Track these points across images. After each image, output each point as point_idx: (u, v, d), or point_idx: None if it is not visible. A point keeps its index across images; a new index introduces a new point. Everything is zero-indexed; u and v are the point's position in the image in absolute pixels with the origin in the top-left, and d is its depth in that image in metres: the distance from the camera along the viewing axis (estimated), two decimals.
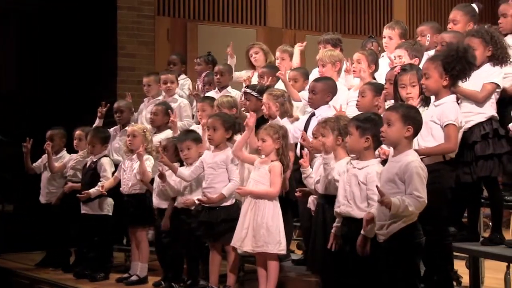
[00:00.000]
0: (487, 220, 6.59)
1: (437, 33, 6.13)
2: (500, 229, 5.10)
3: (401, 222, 4.19)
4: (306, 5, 11.05)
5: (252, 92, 6.18)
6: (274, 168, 5.38)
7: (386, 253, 4.28)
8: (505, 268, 4.86)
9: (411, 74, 4.96)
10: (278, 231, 5.35)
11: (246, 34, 10.25)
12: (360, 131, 4.52)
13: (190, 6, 10.26)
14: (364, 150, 4.55)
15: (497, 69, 4.99)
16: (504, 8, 5.59)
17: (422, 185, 4.15)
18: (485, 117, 4.94)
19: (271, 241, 5.32)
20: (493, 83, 4.95)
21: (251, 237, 5.36)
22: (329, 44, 6.85)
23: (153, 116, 6.97)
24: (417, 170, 4.16)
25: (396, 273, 4.23)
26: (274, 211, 5.37)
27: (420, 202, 4.14)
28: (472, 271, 5.45)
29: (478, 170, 4.93)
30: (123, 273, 6.69)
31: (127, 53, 9.61)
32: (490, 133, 4.91)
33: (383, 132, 4.32)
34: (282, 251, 5.40)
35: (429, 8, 11.97)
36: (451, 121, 4.61)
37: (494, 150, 4.91)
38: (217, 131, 5.74)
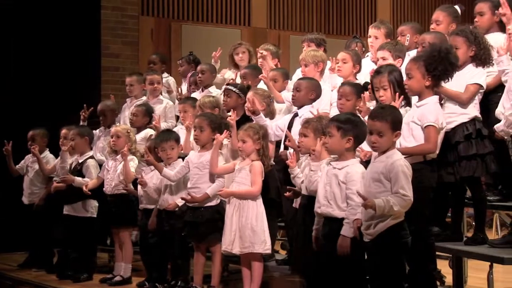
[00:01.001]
0: (470, 220, 6.64)
1: (417, 33, 6.16)
2: (483, 229, 5.11)
3: (390, 220, 4.20)
4: (290, 6, 11.06)
5: (233, 89, 6.18)
6: (255, 167, 5.38)
7: (373, 252, 4.29)
8: (488, 267, 4.88)
9: (381, 77, 4.97)
10: (262, 230, 5.35)
11: (230, 34, 10.24)
12: (342, 132, 4.54)
13: (174, 6, 10.23)
14: (346, 151, 4.57)
15: (480, 70, 5.01)
16: (480, 6, 5.60)
17: (407, 183, 4.17)
18: (468, 118, 4.96)
19: (256, 241, 5.32)
20: (476, 84, 4.97)
21: (238, 239, 5.36)
22: (313, 43, 6.85)
23: (132, 117, 6.96)
24: (403, 169, 4.19)
25: (383, 272, 4.24)
26: (258, 211, 5.37)
27: (405, 201, 4.15)
28: (456, 271, 5.48)
29: (461, 170, 4.95)
30: (107, 274, 6.67)
31: (111, 53, 9.57)
32: (473, 134, 4.93)
33: (376, 143, 4.31)
34: (268, 250, 5.41)
35: (412, 8, 12.01)
36: (430, 123, 4.62)
37: (477, 150, 4.93)
38: (204, 132, 5.74)
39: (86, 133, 6.93)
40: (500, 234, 8.40)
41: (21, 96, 8.96)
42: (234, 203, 5.41)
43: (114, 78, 9.45)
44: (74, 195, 6.72)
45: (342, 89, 5.42)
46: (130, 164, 6.36)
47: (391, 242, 4.21)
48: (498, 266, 4.86)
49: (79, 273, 6.65)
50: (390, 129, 4.28)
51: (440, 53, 4.69)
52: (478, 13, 5.62)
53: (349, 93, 5.33)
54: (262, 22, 10.85)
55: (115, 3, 9.59)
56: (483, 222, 5.17)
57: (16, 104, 8.87)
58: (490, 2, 5.50)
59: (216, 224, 5.63)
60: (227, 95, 6.22)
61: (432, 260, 4.89)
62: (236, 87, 6.21)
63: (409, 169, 4.23)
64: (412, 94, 4.79)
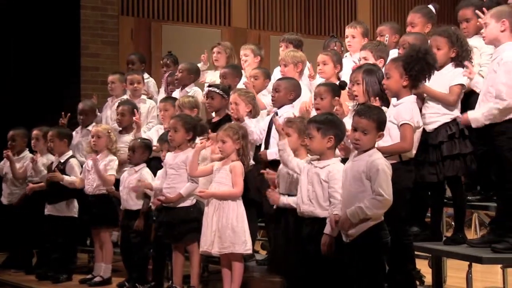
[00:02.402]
0: (449, 220, 6.68)
1: (396, 33, 6.20)
2: (463, 229, 5.15)
3: (370, 220, 4.22)
4: (270, 6, 11.07)
5: (216, 90, 6.17)
6: (235, 168, 5.38)
7: (353, 253, 4.30)
8: (467, 267, 4.91)
9: (357, 72, 5.01)
10: (243, 231, 5.36)
11: (210, 34, 10.23)
12: (322, 132, 4.56)
13: (154, 6, 10.20)
14: (327, 150, 4.58)
15: (460, 70, 5.04)
16: (464, 13, 5.60)
17: (386, 182, 4.19)
18: (451, 118, 4.99)
19: (237, 241, 5.32)
20: (460, 85, 5.00)
21: (218, 239, 5.35)
22: (291, 44, 6.86)
23: (120, 117, 6.92)
24: (383, 167, 4.20)
25: (363, 272, 4.25)
26: (238, 211, 5.38)
27: (381, 202, 4.17)
28: (435, 270, 5.51)
29: (445, 170, 4.97)
30: (87, 274, 6.64)
31: (91, 53, 9.53)
32: (457, 133, 4.96)
33: (359, 140, 4.31)
34: (248, 250, 5.42)
35: (392, 8, 12.07)
36: (406, 121, 4.65)
37: (460, 150, 4.96)
38: (178, 132, 5.73)
39: (65, 135, 6.90)
40: (479, 234, 8.46)
41: (0, 96, 8.90)
42: (214, 204, 5.40)
43: (94, 78, 9.41)
44: (59, 195, 6.70)
45: (316, 89, 5.45)
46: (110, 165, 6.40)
47: (371, 243, 4.23)
48: (477, 266, 4.88)
49: (58, 273, 6.62)
50: (375, 128, 4.30)
51: (418, 53, 4.73)
52: (464, 20, 5.60)
53: (323, 92, 5.34)
54: (242, 22, 10.85)
55: (94, 3, 9.55)
56: (462, 222, 5.20)
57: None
58: (474, 6, 5.50)
59: (192, 224, 5.64)
60: (211, 96, 6.21)
61: (412, 260, 4.90)
62: (219, 88, 6.20)
63: (389, 169, 4.25)
64: (391, 95, 4.82)
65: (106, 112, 7.57)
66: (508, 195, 4.68)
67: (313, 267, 4.57)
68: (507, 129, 4.67)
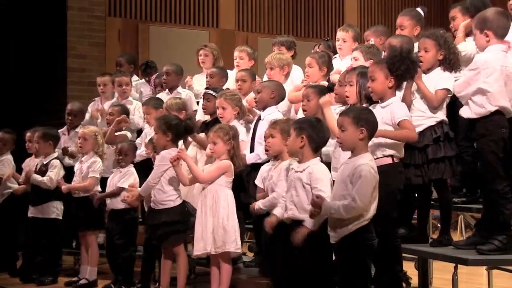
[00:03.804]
0: (435, 222, 6.70)
1: (380, 36, 6.20)
2: (449, 231, 5.16)
3: (352, 226, 4.23)
4: (258, 8, 11.07)
5: (212, 93, 6.17)
6: (221, 163, 5.41)
7: (339, 254, 4.32)
8: (452, 268, 4.93)
9: (351, 74, 5.04)
10: (234, 230, 5.36)
11: (198, 36, 10.21)
12: (297, 131, 4.59)
13: (141, 7, 10.18)
14: (300, 149, 4.59)
15: (447, 74, 5.06)
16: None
17: (366, 189, 4.18)
18: (436, 121, 5.00)
19: (227, 240, 5.33)
20: (445, 89, 5.01)
21: (212, 239, 5.35)
22: (283, 46, 6.87)
23: (109, 117, 6.90)
24: (365, 173, 4.19)
25: (348, 274, 4.26)
26: (230, 211, 5.37)
27: (353, 208, 4.17)
28: (421, 272, 5.53)
29: (430, 172, 4.99)
30: (72, 277, 6.62)
31: (78, 54, 9.49)
32: (442, 137, 4.98)
33: (339, 138, 4.36)
34: (239, 250, 5.42)
35: (379, 11, 12.10)
36: (403, 117, 4.67)
37: (445, 153, 4.98)
38: (157, 135, 5.72)
39: (51, 137, 6.87)
40: (465, 235, 8.49)
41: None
42: (207, 205, 5.39)
43: (81, 79, 9.38)
44: (41, 197, 6.66)
45: (304, 92, 5.46)
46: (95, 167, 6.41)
47: (357, 245, 4.23)
48: (463, 267, 4.90)
49: (43, 276, 6.58)
50: (351, 123, 4.30)
51: (402, 53, 4.75)
52: (451, 18, 5.72)
53: (310, 93, 5.36)
54: (230, 24, 10.84)
55: (81, 4, 9.52)
56: (448, 224, 5.22)
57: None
58: (460, 6, 5.63)
59: (177, 225, 5.63)
60: (207, 99, 6.21)
61: (398, 262, 4.91)
62: (216, 91, 6.19)
63: (373, 175, 4.23)
64: (376, 97, 4.81)
65: None
66: (491, 197, 4.70)
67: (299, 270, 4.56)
68: (487, 131, 4.68)
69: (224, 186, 5.40)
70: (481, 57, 4.77)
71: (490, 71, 4.69)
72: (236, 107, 5.89)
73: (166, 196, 5.65)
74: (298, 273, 4.57)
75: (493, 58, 4.72)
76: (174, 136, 5.70)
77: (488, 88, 4.67)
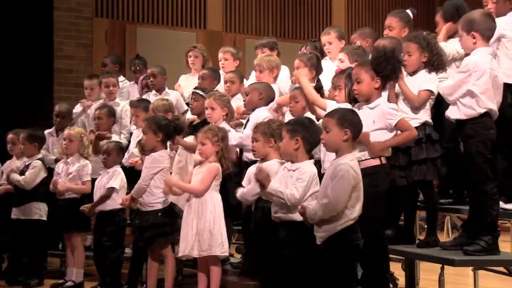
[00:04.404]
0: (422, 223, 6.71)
1: (366, 38, 6.23)
2: (435, 232, 5.17)
3: (337, 226, 4.24)
4: (246, 9, 11.06)
5: (201, 93, 6.16)
6: (210, 167, 5.39)
7: (324, 255, 4.32)
8: (439, 269, 4.94)
9: (339, 77, 5.06)
10: (220, 233, 5.35)
11: (186, 37, 10.20)
12: (290, 133, 4.59)
13: (129, 8, 10.14)
14: (295, 151, 4.59)
15: (432, 76, 5.07)
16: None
17: (341, 188, 4.20)
18: (419, 123, 5.02)
19: (214, 243, 5.32)
20: (428, 91, 5.03)
21: (197, 242, 5.34)
22: (266, 48, 6.87)
23: (97, 121, 6.88)
24: (343, 173, 4.22)
25: (333, 274, 4.26)
26: (216, 213, 5.36)
27: (326, 205, 4.21)
28: (408, 273, 5.54)
29: (413, 174, 5.01)
30: (58, 279, 6.59)
31: (64, 55, 9.45)
32: (424, 138, 4.99)
33: (323, 139, 4.38)
34: (225, 253, 5.42)
35: (366, 12, 12.13)
36: (399, 117, 4.69)
37: (427, 154, 4.99)
38: (147, 135, 5.70)
39: (36, 138, 6.84)
40: (451, 236, 8.51)
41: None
42: (193, 207, 5.39)
43: (67, 80, 9.33)
44: (21, 197, 6.64)
45: (292, 93, 5.47)
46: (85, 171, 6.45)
47: (342, 245, 4.25)
48: (449, 268, 4.92)
49: (29, 278, 6.56)
50: (336, 125, 4.32)
51: (387, 53, 4.76)
52: (436, 22, 5.79)
53: (297, 95, 5.36)
54: (218, 25, 10.84)
55: (68, 4, 9.47)
56: (435, 225, 5.23)
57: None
58: (442, 11, 5.70)
59: (164, 228, 5.62)
60: (195, 99, 6.21)
61: (385, 263, 4.92)
62: (204, 91, 6.17)
63: (353, 174, 4.24)
64: (362, 99, 4.82)
65: (81, 115, 7.52)
66: (479, 198, 4.71)
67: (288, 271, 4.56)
68: (475, 133, 4.71)
69: (212, 190, 5.39)
70: (471, 59, 4.78)
71: (480, 73, 4.72)
72: (225, 108, 5.89)
73: (154, 198, 5.65)
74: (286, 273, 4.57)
75: (483, 61, 4.75)
76: (164, 136, 5.70)
77: (477, 90, 4.70)
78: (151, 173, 5.63)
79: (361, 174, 4.33)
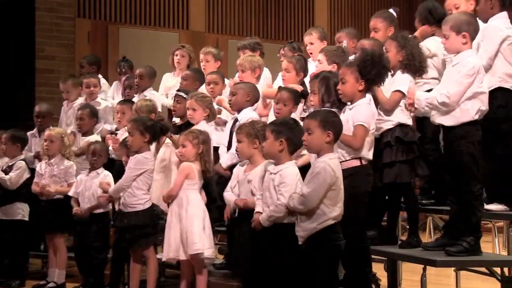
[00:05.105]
0: (404, 224, 6.74)
1: (353, 38, 6.26)
2: (417, 232, 5.19)
3: (316, 225, 4.27)
4: (228, 10, 11.07)
5: (184, 95, 6.15)
6: (181, 167, 5.40)
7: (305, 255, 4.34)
8: (421, 270, 4.96)
9: (314, 82, 5.06)
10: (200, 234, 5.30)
11: (168, 38, 10.20)
12: (275, 134, 4.59)
13: (111, 9, 10.12)
14: (279, 153, 4.60)
15: (405, 77, 5.08)
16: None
17: (315, 184, 4.24)
18: (392, 124, 5.03)
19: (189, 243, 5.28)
20: (398, 91, 5.02)
21: (180, 245, 5.32)
22: (247, 49, 6.86)
23: (79, 121, 6.85)
24: (319, 170, 4.25)
25: (314, 275, 4.27)
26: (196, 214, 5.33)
27: (302, 199, 4.25)
28: (390, 274, 5.56)
29: (384, 176, 5.04)
30: (40, 280, 6.54)
31: (46, 55, 9.42)
32: (392, 141, 5.00)
33: (305, 141, 4.39)
34: (198, 251, 5.29)
35: (349, 13, 12.17)
36: (360, 122, 4.69)
37: (395, 157, 5.00)
38: (134, 136, 5.68)
39: (19, 139, 6.80)
40: (433, 237, 8.55)
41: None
42: (175, 210, 5.37)
43: (49, 80, 9.29)
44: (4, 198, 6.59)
45: (280, 94, 5.43)
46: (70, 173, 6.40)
47: (323, 245, 4.26)
48: (431, 269, 4.93)
49: (10, 279, 6.51)
50: (318, 127, 4.34)
51: (374, 57, 4.77)
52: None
53: (286, 99, 5.34)
54: (201, 26, 10.83)
55: (50, 5, 9.44)
56: (416, 225, 5.25)
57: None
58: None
59: (146, 229, 5.61)
60: (178, 101, 6.20)
61: (368, 263, 4.93)
62: (187, 94, 6.16)
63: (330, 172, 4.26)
64: (346, 99, 4.84)
65: (63, 117, 7.50)
66: (465, 198, 4.72)
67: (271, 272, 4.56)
68: (467, 133, 4.70)
69: (187, 190, 5.37)
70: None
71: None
72: (207, 109, 5.89)
73: (135, 199, 5.63)
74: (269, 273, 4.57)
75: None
76: (151, 137, 5.70)
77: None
78: (133, 174, 5.61)
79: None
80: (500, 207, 5.11)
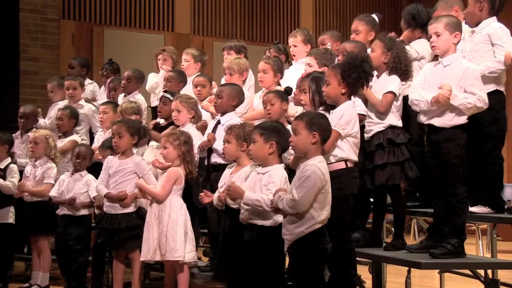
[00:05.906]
0: (389, 226, 6.77)
1: (337, 41, 6.29)
2: (402, 235, 5.22)
3: (304, 229, 4.26)
4: (214, 12, 11.06)
5: (170, 97, 6.13)
6: (169, 172, 5.37)
7: (291, 258, 4.34)
8: (406, 272, 4.98)
9: (305, 81, 5.06)
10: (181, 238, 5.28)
11: (153, 40, 10.17)
12: (265, 137, 4.59)
13: (96, 10, 10.08)
14: (268, 155, 4.61)
15: (392, 78, 5.11)
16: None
17: (305, 188, 4.22)
18: (383, 127, 5.06)
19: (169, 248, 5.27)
20: (390, 93, 5.05)
21: (158, 247, 5.30)
22: (232, 51, 6.86)
23: (58, 122, 6.83)
24: (309, 173, 4.24)
25: (301, 277, 4.27)
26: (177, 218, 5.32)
27: (293, 203, 4.22)
28: (375, 276, 5.57)
29: (376, 178, 5.06)
30: (23, 283, 6.51)
31: (30, 57, 9.37)
32: (384, 143, 5.02)
33: (292, 142, 4.40)
34: (178, 258, 5.27)
35: (334, 16, 12.20)
36: (335, 127, 4.62)
37: (387, 159, 5.02)
38: (123, 138, 5.65)
39: (6, 141, 6.74)
40: (418, 239, 8.59)
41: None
42: (154, 211, 5.36)
43: (33, 82, 9.25)
44: None
45: (265, 97, 5.44)
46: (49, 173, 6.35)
47: (309, 248, 4.26)
48: (416, 271, 4.95)
49: None
50: (305, 128, 4.34)
51: (355, 61, 4.76)
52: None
53: (272, 98, 5.34)
54: (186, 28, 10.82)
55: (34, 6, 9.39)
56: (402, 228, 5.27)
57: None
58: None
59: (134, 231, 5.58)
60: (163, 102, 6.19)
61: (353, 266, 4.94)
62: (173, 95, 6.15)
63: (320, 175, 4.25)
64: (330, 101, 4.84)
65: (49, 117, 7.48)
66: (451, 200, 4.74)
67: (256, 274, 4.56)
68: (455, 136, 4.73)
69: (172, 194, 5.36)
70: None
71: None
72: (192, 110, 5.88)
73: None
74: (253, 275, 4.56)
75: None
76: (139, 139, 5.69)
77: None
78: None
79: None
80: (484, 209, 5.13)
